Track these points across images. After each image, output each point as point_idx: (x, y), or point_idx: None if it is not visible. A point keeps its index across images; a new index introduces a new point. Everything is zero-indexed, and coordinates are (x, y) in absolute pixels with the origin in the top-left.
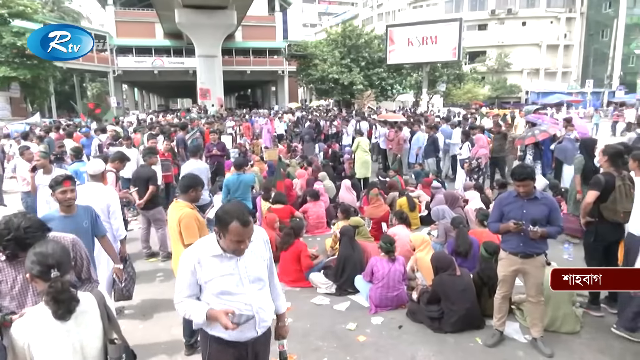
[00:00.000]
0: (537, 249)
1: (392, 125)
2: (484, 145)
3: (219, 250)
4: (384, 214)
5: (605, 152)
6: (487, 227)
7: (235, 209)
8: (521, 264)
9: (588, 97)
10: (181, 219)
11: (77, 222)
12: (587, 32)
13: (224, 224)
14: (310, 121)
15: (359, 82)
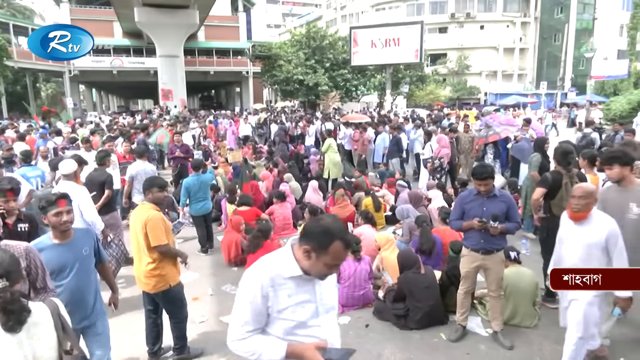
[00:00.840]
0: (497, 245)
1: (357, 126)
2: (445, 145)
3: (298, 270)
4: (350, 214)
5: (554, 151)
6: (449, 224)
7: (338, 226)
8: (482, 260)
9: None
10: (147, 221)
11: (74, 250)
12: (540, 36)
13: (324, 244)
14: (276, 122)
15: (323, 83)
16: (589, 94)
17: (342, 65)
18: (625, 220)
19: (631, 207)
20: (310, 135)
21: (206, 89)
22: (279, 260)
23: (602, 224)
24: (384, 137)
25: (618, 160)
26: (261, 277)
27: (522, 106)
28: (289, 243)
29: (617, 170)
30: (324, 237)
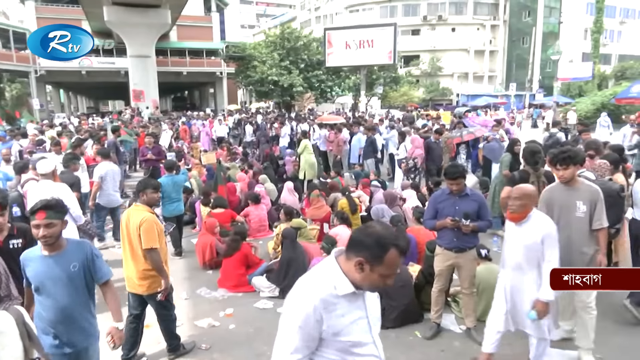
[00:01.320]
0: (469, 243)
1: (332, 127)
2: (419, 146)
3: (350, 286)
4: (326, 215)
5: (522, 151)
6: (423, 224)
7: (390, 232)
8: (455, 258)
9: (512, 99)
10: (142, 222)
11: (62, 264)
12: (509, 38)
13: (378, 254)
14: (251, 124)
15: (298, 84)
16: (555, 95)
17: (317, 66)
18: (571, 218)
19: (578, 206)
20: (282, 136)
21: (179, 90)
22: (328, 278)
23: (539, 226)
24: (359, 138)
25: (572, 160)
26: (312, 299)
27: (492, 107)
28: (332, 256)
29: (572, 170)
30: (378, 246)
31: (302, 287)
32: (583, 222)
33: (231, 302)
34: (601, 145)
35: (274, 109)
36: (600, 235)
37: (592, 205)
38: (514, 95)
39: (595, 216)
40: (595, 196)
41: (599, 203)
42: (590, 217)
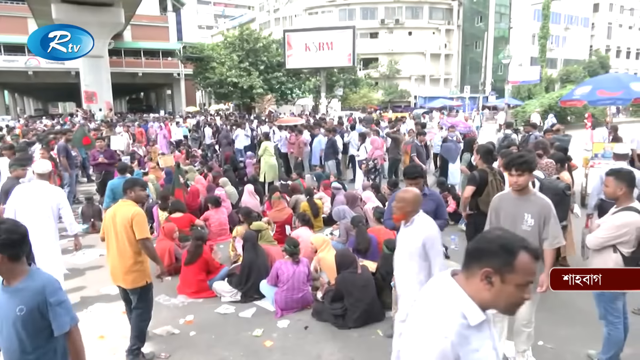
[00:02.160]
0: None
1: (293, 129)
2: (379, 147)
3: (481, 313)
4: (287, 217)
5: (478, 151)
6: (384, 224)
7: (512, 235)
8: None
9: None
10: (134, 215)
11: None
12: (463, 43)
13: (507, 258)
14: (211, 126)
15: (258, 86)
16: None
17: (277, 68)
18: (518, 231)
19: (525, 218)
20: (235, 137)
21: (135, 92)
22: (453, 305)
23: (421, 229)
24: (320, 140)
25: (529, 166)
26: (447, 335)
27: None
28: (448, 277)
29: (526, 177)
30: (504, 251)
31: (425, 321)
32: (529, 236)
33: (191, 309)
34: (548, 145)
35: (233, 111)
36: (546, 254)
37: (540, 220)
38: (468, 97)
39: (550, 233)
40: (546, 210)
41: (551, 219)
42: (538, 232)
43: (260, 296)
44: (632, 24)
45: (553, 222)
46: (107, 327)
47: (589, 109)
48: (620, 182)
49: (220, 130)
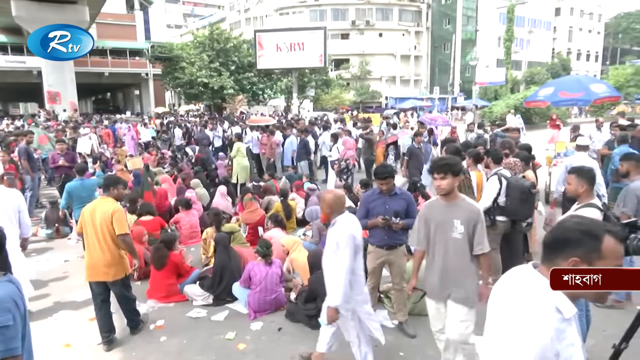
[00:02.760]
0: (399, 240)
1: (264, 130)
2: (350, 147)
3: (572, 306)
4: (260, 218)
5: (447, 150)
6: None
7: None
8: (387, 255)
9: (436, 102)
10: (115, 211)
11: None
12: (432, 44)
13: (593, 244)
14: (180, 127)
15: (229, 87)
16: (474, 98)
17: (248, 69)
18: (448, 239)
19: (455, 225)
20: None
21: (101, 92)
22: (546, 299)
23: (337, 231)
24: (292, 140)
25: (451, 168)
26: (546, 331)
27: (418, 109)
28: (532, 271)
29: (450, 181)
30: (589, 237)
31: (520, 317)
32: (460, 244)
33: (162, 313)
34: (514, 144)
35: (204, 112)
36: (483, 260)
37: (469, 227)
38: (437, 98)
39: (476, 239)
40: (475, 217)
41: (479, 225)
42: (469, 240)
43: (233, 299)
44: (591, 27)
45: (480, 229)
46: (73, 335)
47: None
48: (581, 180)
49: (190, 131)
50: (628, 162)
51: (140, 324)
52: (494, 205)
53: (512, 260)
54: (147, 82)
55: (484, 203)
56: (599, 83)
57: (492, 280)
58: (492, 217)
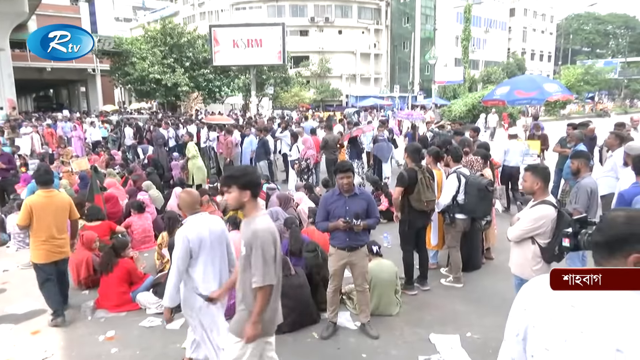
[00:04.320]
0: (360, 241)
1: (222, 128)
2: (311, 147)
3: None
4: None
5: (406, 150)
6: (316, 226)
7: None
8: (348, 257)
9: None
10: (70, 200)
11: None
12: (392, 43)
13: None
14: (131, 126)
15: (184, 84)
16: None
17: (203, 65)
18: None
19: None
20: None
21: (43, 88)
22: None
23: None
24: (251, 140)
25: (235, 180)
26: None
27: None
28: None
29: (236, 194)
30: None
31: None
32: (242, 266)
33: (112, 324)
34: (472, 143)
35: (157, 110)
36: (258, 295)
37: (248, 249)
38: (398, 96)
39: (253, 269)
40: (252, 240)
41: (253, 250)
42: (249, 263)
43: None
44: (544, 28)
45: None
46: (14, 349)
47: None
48: (536, 177)
49: (141, 130)
50: (578, 159)
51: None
52: (453, 203)
53: (471, 258)
54: (94, 78)
55: (443, 200)
56: (552, 82)
57: (454, 278)
58: (452, 214)
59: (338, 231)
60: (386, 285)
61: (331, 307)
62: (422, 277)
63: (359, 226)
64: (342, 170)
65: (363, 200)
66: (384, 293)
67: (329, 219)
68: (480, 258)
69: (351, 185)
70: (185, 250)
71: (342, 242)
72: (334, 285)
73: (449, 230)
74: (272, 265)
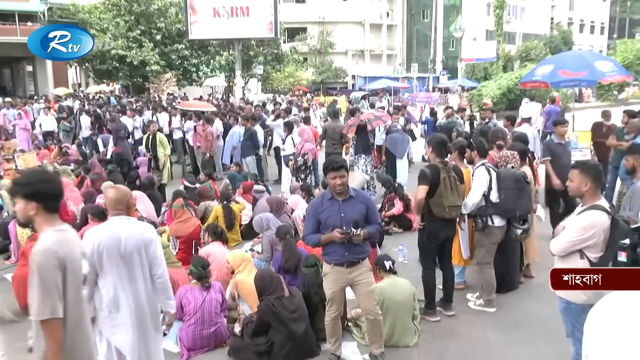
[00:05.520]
0: (362, 253)
1: (199, 117)
2: (309, 139)
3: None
4: (194, 229)
5: (429, 142)
6: (304, 240)
7: None
8: (349, 274)
9: (414, 82)
10: None
11: None
12: (408, 11)
13: None
14: (88, 114)
15: (153, 62)
16: (460, 78)
17: (177, 39)
18: None
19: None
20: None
21: None
22: None
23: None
24: (235, 132)
25: (19, 189)
26: None
27: (394, 91)
28: None
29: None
30: None
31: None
32: None
33: None
34: (506, 134)
35: (121, 94)
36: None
37: None
38: (416, 77)
39: (29, 297)
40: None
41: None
42: None
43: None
44: None
45: None
46: None
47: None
48: (585, 176)
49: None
50: (634, 156)
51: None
52: (486, 202)
53: (507, 276)
54: None
55: (472, 199)
56: (606, 60)
57: (485, 300)
58: (484, 219)
59: (333, 244)
60: (402, 309)
61: (332, 338)
62: (446, 299)
63: (359, 236)
64: (333, 169)
65: (361, 204)
66: (399, 319)
67: (320, 230)
68: (517, 276)
69: (345, 187)
70: (89, 263)
71: (340, 257)
72: (333, 311)
73: (481, 241)
74: (56, 294)
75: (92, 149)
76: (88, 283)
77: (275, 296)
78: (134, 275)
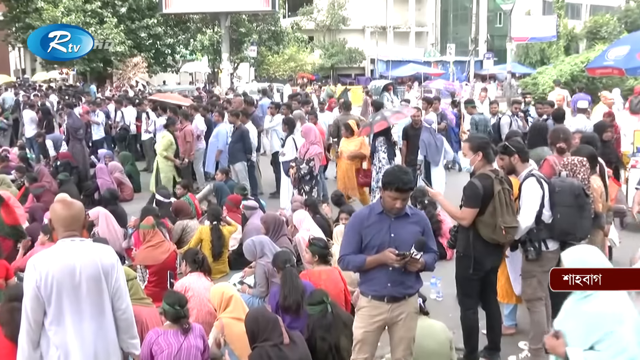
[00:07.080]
0: (409, 288)
1: (176, 113)
2: (316, 142)
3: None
4: (169, 256)
5: (472, 144)
6: (341, 264)
7: None
8: (389, 312)
9: (451, 68)
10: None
11: None
12: None
13: None
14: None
15: (117, 41)
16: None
17: (148, 13)
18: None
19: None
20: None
21: None
22: None
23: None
24: (221, 131)
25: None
26: None
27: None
28: None
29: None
30: None
31: None
32: None
33: None
34: (570, 135)
35: (75, 83)
36: None
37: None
38: (453, 62)
39: None
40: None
41: None
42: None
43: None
44: None
45: None
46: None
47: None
48: None
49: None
50: None
51: None
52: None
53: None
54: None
55: (526, 220)
56: None
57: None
58: (538, 244)
59: (375, 271)
60: (435, 358)
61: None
62: (492, 347)
63: (417, 263)
64: (399, 189)
65: (415, 225)
66: None
67: (364, 251)
68: None
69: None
70: (33, 297)
71: (382, 289)
72: (362, 357)
73: (532, 270)
74: None
75: (39, 153)
76: (34, 324)
77: (271, 343)
78: (91, 312)
